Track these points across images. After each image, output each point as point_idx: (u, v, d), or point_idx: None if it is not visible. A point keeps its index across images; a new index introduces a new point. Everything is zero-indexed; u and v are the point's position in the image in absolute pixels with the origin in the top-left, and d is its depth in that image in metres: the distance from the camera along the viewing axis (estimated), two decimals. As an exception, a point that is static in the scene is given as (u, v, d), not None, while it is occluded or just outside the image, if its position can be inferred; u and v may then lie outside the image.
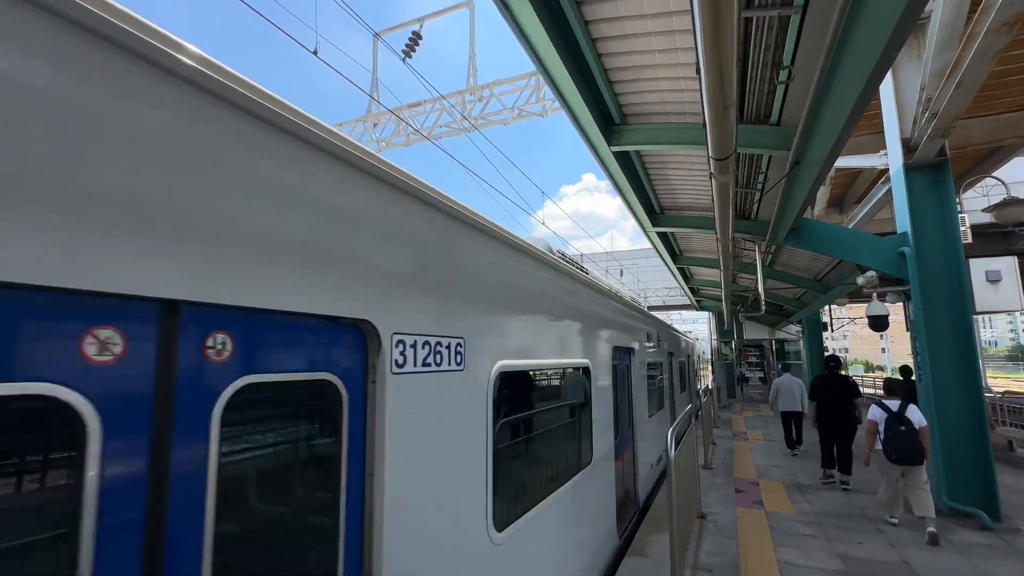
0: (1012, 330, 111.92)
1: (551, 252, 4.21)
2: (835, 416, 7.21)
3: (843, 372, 8.06)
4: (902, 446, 5.22)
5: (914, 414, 5.34)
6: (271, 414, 1.46)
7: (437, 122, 11.20)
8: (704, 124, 2.89)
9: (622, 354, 5.54)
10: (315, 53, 5.77)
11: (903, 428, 5.26)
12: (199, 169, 1.16)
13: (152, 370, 1.11)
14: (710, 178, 3.94)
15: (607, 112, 5.34)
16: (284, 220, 1.37)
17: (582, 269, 5.07)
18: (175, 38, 1.11)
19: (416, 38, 11.70)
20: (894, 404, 5.43)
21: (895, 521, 5.69)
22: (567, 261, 4.33)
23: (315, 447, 1.55)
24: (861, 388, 11.93)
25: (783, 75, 3.39)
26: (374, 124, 12.00)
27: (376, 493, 1.63)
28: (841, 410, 7.18)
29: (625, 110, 5.39)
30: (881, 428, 5.41)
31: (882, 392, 6.06)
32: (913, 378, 6.55)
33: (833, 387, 7.34)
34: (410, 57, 11.65)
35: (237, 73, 1.27)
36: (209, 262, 1.18)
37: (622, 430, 5.48)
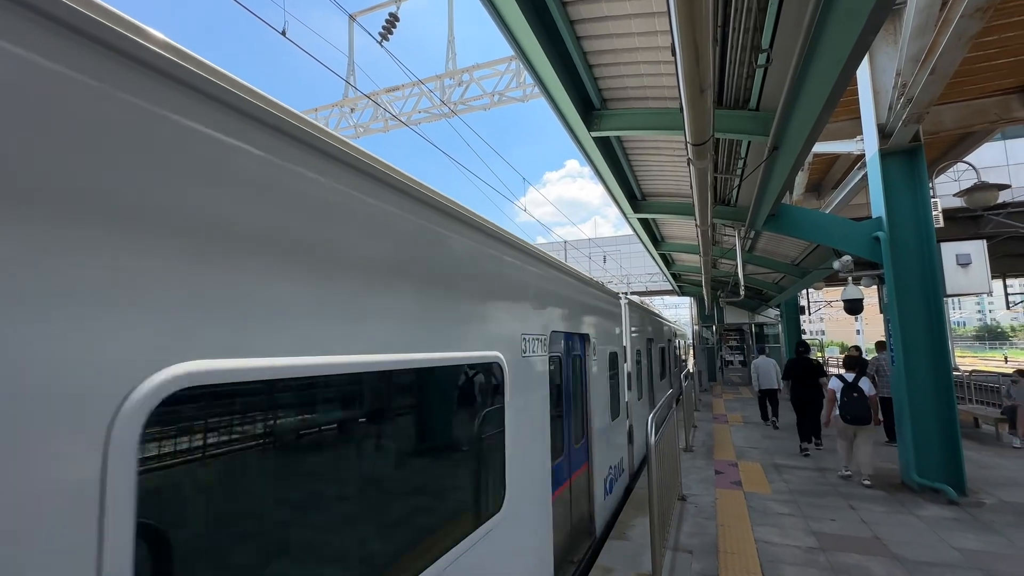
0: (980, 311, 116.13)
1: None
2: (806, 392, 8.33)
3: (811, 356, 9.14)
4: (854, 410, 6.35)
5: (865, 384, 6.40)
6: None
7: (416, 107, 10.97)
8: (681, 108, 2.85)
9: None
10: (283, 34, 5.54)
11: (855, 395, 6.37)
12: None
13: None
14: (688, 164, 3.92)
15: (587, 97, 5.27)
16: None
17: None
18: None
19: (393, 20, 11.39)
20: (850, 376, 6.51)
21: (848, 474, 6.80)
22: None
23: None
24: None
25: (762, 58, 3.37)
26: (351, 109, 11.71)
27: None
28: (811, 387, 8.27)
29: (605, 95, 5.32)
30: (838, 396, 6.49)
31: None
32: (867, 356, 7.67)
33: (804, 368, 8.51)
34: (387, 40, 11.35)
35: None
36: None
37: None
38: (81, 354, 0.86)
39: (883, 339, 8.68)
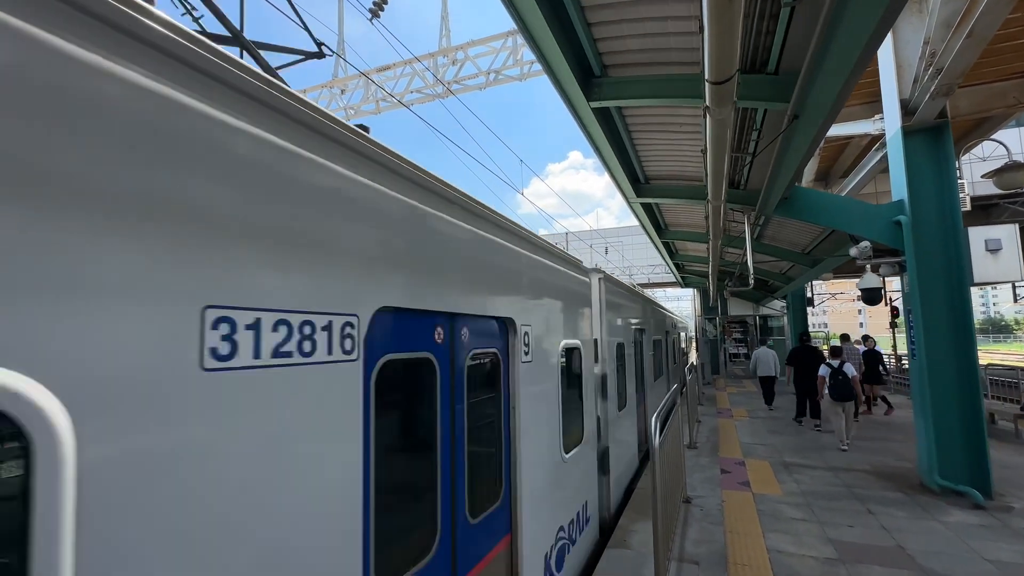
0: (983, 304, 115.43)
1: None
2: (807, 376, 9.41)
3: (812, 344, 10.52)
4: (839, 390, 7.90)
5: (848, 369, 7.93)
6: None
7: (408, 87, 10.46)
8: (701, 25, 2.35)
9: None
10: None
11: (840, 378, 7.90)
12: None
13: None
14: (704, 114, 3.43)
15: (586, 63, 4.77)
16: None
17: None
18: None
19: (385, -5, 10.84)
20: (836, 363, 8.04)
21: (845, 448, 7.86)
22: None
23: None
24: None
25: (788, -3, 2.88)
26: (341, 90, 11.20)
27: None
28: (811, 371, 9.15)
29: (606, 60, 4.82)
30: (827, 380, 8.05)
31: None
32: (839, 347, 8.90)
33: (805, 355, 9.78)
34: (378, 17, 10.82)
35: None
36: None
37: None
38: None
39: (846, 333, 12.13)
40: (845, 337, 11.41)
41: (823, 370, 8.19)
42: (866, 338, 11.59)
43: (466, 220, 2.45)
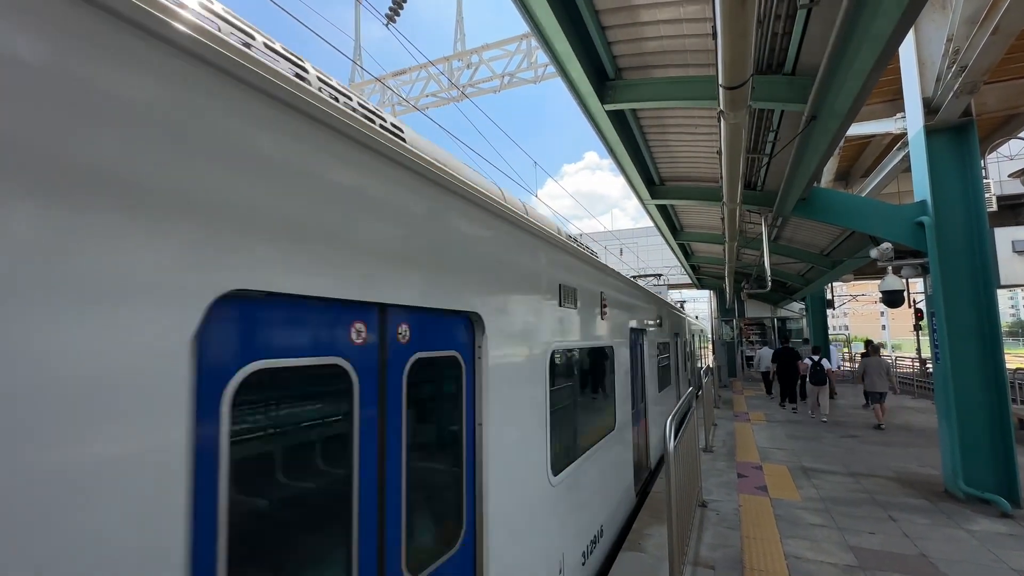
0: (1013, 306, 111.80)
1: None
2: (788, 371, 12.80)
3: (791, 347, 13.98)
4: (817, 377, 10.94)
5: (824, 363, 10.93)
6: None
7: (424, 91, 10.56)
8: (714, 31, 2.35)
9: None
10: (265, -6, 5.15)
11: (818, 369, 10.91)
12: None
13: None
14: (718, 118, 3.41)
15: (600, 65, 4.77)
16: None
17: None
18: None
19: (400, 1, 10.99)
20: (816, 357, 11.06)
21: (824, 419, 10.80)
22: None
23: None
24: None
25: (805, -2, 2.85)
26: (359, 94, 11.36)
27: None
28: (790, 367, 12.73)
29: (620, 63, 4.82)
30: (809, 369, 11.10)
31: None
32: (819, 347, 12.90)
33: (786, 354, 13.07)
34: (394, 22, 10.96)
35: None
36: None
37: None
38: None
39: (869, 339, 15.11)
40: (869, 343, 11.81)
41: (807, 362, 11.32)
42: (868, 343, 12.23)
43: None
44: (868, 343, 11.56)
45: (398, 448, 1.80)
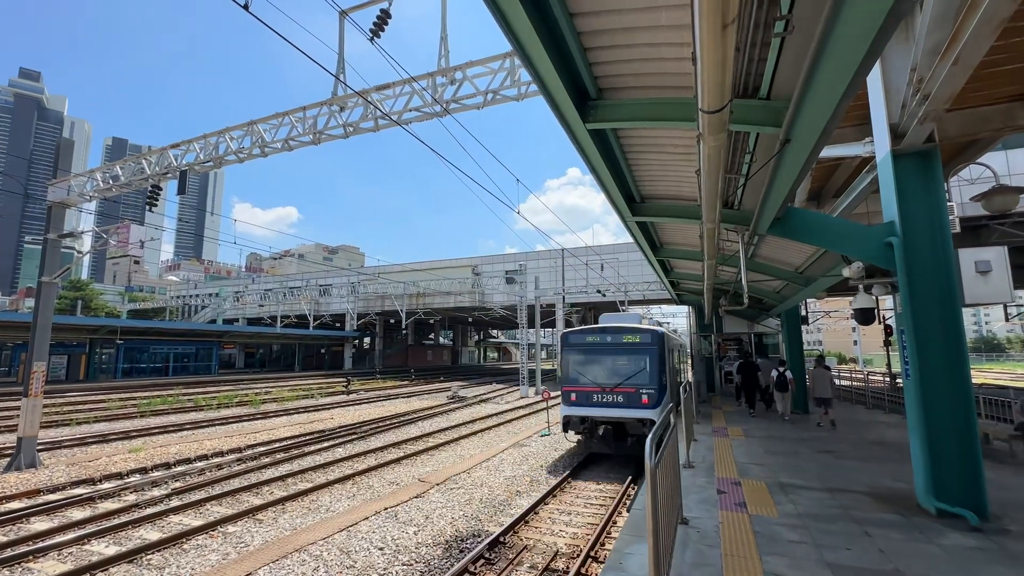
0: (976, 323, 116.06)
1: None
2: (750, 381, 15.58)
3: (753, 361, 17.06)
4: (779, 385, 13.97)
5: (787, 373, 13.98)
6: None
7: (407, 106, 10.59)
8: (694, 58, 2.41)
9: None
10: (246, 7, 5.09)
11: (781, 380, 13.92)
12: None
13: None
14: (697, 141, 3.49)
15: (582, 85, 4.86)
16: None
17: None
18: None
19: (385, 16, 11.04)
20: (781, 368, 14.17)
21: (786, 419, 13.91)
22: None
23: None
24: (836, 379, 19.27)
25: (779, 26, 2.96)
26: (340, 108, 11.32)
27: None
28: (751, 378, 15.60)
29: (601, 83, 4.92)
30: (774, 379, 14.15)
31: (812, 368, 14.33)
32: (785, 359, 16.12)
33: (749, 367, 15.92)
34: (379, 37, 11.00)
35: None
36: None
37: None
38: None
39: (821, 355, 18.71)
40: (818, 358, 15.16)
41: (772, 373, 14.35)
42: (820, 356, 16.36)
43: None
44: (818, 358, 14.73)
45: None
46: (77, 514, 8.50)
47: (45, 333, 12.54)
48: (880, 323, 21.98)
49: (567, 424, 11.80)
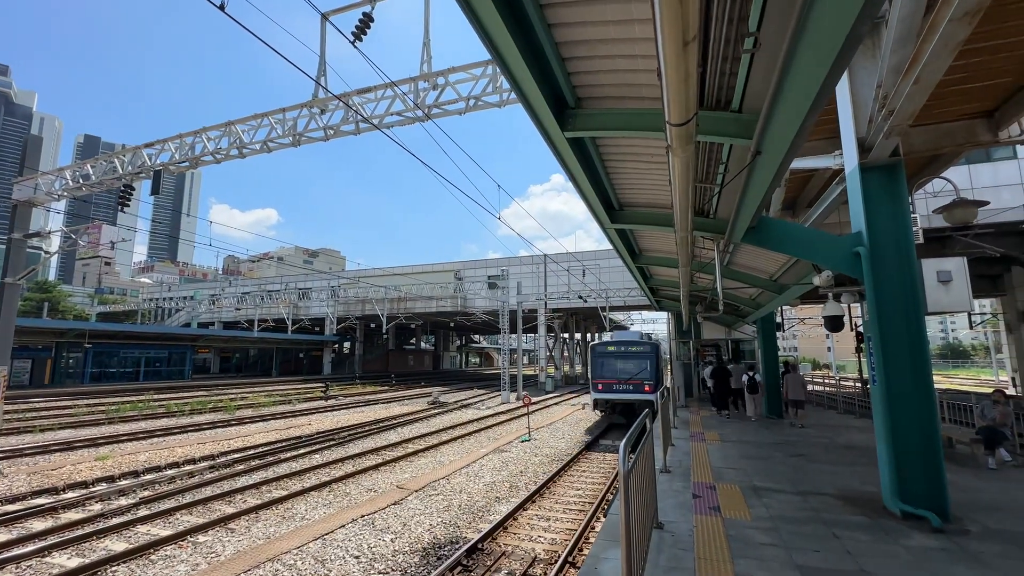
0: (943, 331, 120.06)
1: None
2: (722, 385, 16.24)
3: (725, 365, 17.79)
4: (751, 388, 14.97)
5: (757, 378, 15.17)
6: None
7: (389, 110, 10.56)
8: (660, 73, 2.49)
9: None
10: (222, 8, 5.05)
11: (752, 383, 14.96)
12: None
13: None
14: (667, 153, 3.58)
15: (560, 94, 4.94)
16: None
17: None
18: None
19: (367, 20, 11.03)
20: (752, 372, 15.27)
21: (754, 419, 14.79)
22: None
23: None
24: (810, 384, 20.09)
25: (748, 43, 3.06)
26: (321, 111, 11.23)
27: None
28: (724, 382, 16.26)
29: (579, 92, 5.00)
30: (746, 383, 15.10)
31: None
32: (755, 364, 17.23)
33: (722, 372, 16.51)
34: (360, 40, 10.97)
35: None
36: None
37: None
38: None
39: (787, 360, 19.44)
40: (788, 364, 16.57)
41: (744, 378, 15.27)
42: (786, 363, 17.54)
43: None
44: (787, 363, 16.17)
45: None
46: (38, 525, 8.18)
47: (7, 336, 12.10)
48: (852, 330, 22.64)
49: (596, 404, 17.90)
